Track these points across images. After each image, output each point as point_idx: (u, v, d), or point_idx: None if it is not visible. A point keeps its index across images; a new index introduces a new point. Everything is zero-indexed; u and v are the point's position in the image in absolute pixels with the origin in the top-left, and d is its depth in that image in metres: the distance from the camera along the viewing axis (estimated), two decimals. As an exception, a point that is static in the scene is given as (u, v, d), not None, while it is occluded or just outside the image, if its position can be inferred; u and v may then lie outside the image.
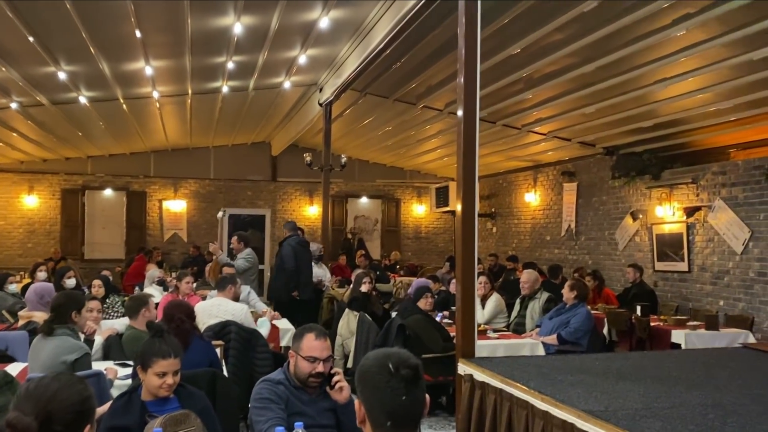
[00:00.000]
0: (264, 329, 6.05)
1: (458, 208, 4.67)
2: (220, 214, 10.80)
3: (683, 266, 9.49)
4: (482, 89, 4.87)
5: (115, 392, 3.80)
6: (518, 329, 6.88)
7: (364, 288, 7.49)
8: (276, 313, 7.35)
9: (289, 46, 8.36)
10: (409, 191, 16.88)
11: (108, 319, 6.35)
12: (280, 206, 16.02)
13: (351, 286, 8.47)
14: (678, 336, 6.99)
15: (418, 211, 16.87)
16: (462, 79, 4.71)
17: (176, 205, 15.47)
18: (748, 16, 5.77)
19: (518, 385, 3.83)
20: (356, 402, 1.87)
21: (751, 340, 6.89)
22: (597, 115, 9.29)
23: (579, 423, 3.20)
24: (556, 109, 9.54)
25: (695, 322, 7.39)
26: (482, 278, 7.11)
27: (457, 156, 4.62)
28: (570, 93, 8.62)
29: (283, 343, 6.66)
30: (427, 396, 1.86)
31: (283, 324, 6.98)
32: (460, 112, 4.68)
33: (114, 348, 4.85)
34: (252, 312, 6.59)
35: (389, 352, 1.88)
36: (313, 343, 3.07)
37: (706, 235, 9.12)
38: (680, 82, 7.49)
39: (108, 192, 15.13)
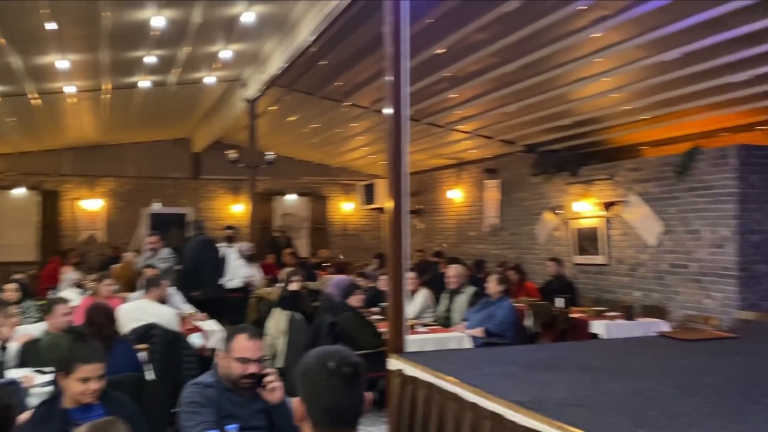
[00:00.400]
0: (197, 341, 5.96)
1: (388, 205, 4.69)
2: (157, 205, 10.48)
3: (601, 259, 9.88)
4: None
5: (33, 401, 3.62)
6: (446, 323, 6.98)
7: (293, 286, 7.42)
8: (204, 314, 7.19)
9: (212, 41, 8.18)
10: (337, 188, 16.84)
11: (22, 324, 6.04)
12: (204, 204, 15.65)
13: (279, 284, 8.37)
14: (598, 326, 7.27)
15: (346, 208, 16.85)
16: (390, 78, 4.71)
17: (92, 205, 14.88)
18: (660, 19, 6.05)
19: (448, 378, 3.88)
20: (296, 400, 1.86)
21: (666, 328, 7.24)
22: (518, 113, 9.53)
23: (508, 414, 3.27)
24: (479, 108, 9.73)
25: (614, 313, 7.71)
26: (410, 274, 7.16)
27: (387, 154, 4.63)
28: (492, 92, 8.80)
29: (210, 344, 6.51)
30: (368, 394, 1.87)
31: (210, 325, 6.83)
32: (389, 111, 4.69)
33: (31, 354, 4.63)
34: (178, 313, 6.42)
35: (330, 350, 1.89)
36: (245, 344, 3.02)
37: (622, 228, 9.52)
38: (597, 81, 7.78)
39: (19, 191, 14.38)
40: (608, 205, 9.70)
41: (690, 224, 8.40)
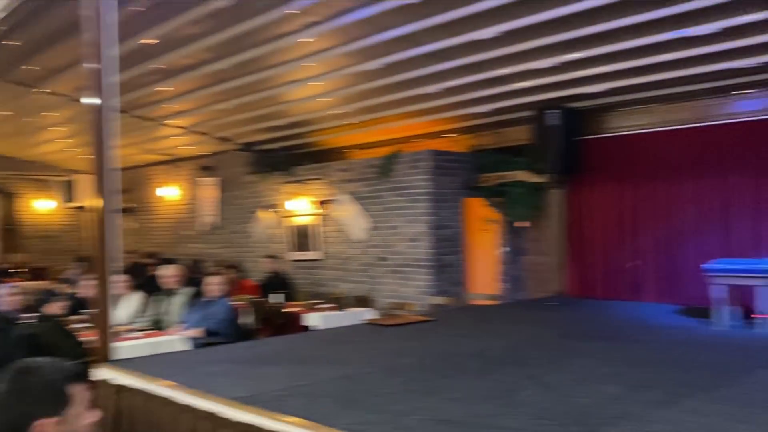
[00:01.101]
0: None
1: (93, 203, 4.36)
2: None
3: (315, 254, 10.34)
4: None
5: None
6: (162, 326, 6.72)
7: (-25, 297, 6.48)
8: None
9: None
10: (30, 185, 15.05)
11: None
12: None
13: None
14: (313, 318, 7.63)
15: (42, 206, 15.16)
16: (92, 65, 4.38)
17: None
18: (363, 30, 6.51)
19: (163, 382, 3.77)
20: None
21: (372, 316, 7.86)
22: (233, 111, 9.51)
23: (226, 411, 3.28)
24: (194, 104, 9.50)
25: (328, 305, 8.15)
26: (121, 276, 6.75)
27: (93, 147, 4.31)
28: (206, 88, 8.65)
29: None
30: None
31: None
32: (92, 100, 4.36)
33: None
34: None
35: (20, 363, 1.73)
36: None
37: (334, 225, 10.08)
38: (308, 85, 8.11)
39: None
40: (321, 204, 10.19)
41: (391, 221, 9.21)
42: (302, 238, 10.55)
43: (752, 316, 5.77)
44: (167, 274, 7.15)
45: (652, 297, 7.48)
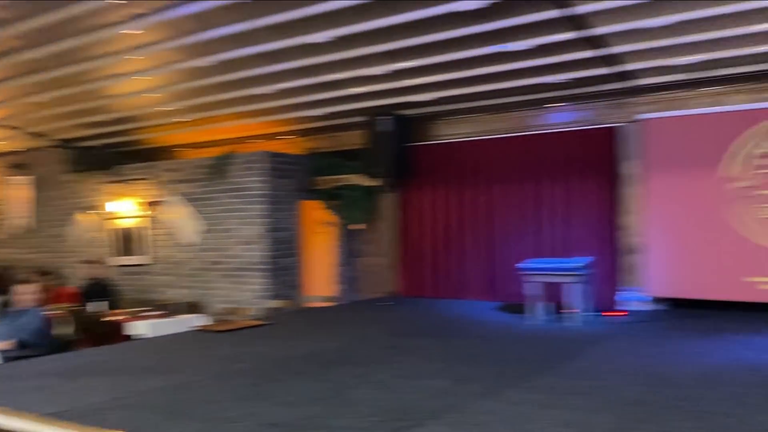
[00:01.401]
0: None
1: None
2: None
3: (144, 259, 9.83)
4: None
5: None
6: (-38, 341, 6.06)
7: None
8: None
9: None
10: None
11: None
12: None
13: None
14: (140, 327, 7.23)
15: None
16: None
17: None
18: (194, 25, 6.30)
19: (-36, 403, 3.40)
20: None
21: (206, 322, 7.61)
22: (50, 105, 8.79)
23: (38, 428, 3.04)
24: (2, 95, 8.66)
25: (156, 312, 7.78)
26: None
27: None
28: (17, 78, 7.93)
29: None
30: None
31: None
32: None
33: None
34: None
35: None
36: None
37: (163, 228, 9.65)
38: (133, 79, 7.69)
39: None
40: (149, 205, 9.71)
41: (225, 223, 8.99)
42: (127, 241, 9.99)
43: (562, 311, 6.33)
44: (-31, 282, 6.46)
45: (475, 295, 7.96)
